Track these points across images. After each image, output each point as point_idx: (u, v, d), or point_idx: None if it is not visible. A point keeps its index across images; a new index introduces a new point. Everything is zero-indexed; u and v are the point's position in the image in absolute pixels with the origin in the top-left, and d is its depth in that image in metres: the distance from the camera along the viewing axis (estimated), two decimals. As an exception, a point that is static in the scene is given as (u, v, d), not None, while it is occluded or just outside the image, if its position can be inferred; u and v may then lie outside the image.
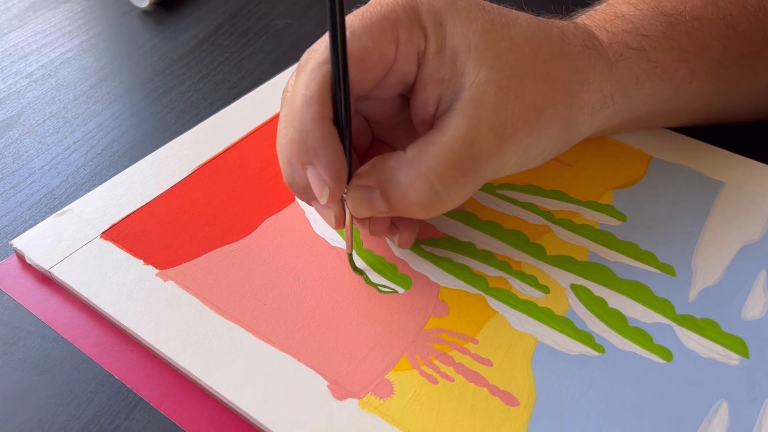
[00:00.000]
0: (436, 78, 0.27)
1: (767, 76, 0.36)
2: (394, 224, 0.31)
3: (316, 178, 0.27)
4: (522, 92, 0.27)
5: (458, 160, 0.27)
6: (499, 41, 0.27)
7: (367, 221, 0.30)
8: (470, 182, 0.28)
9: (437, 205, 0.27)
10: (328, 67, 0.26)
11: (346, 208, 0.29)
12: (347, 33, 0.26)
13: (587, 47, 0.30)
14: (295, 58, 0.46)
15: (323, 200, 0.27)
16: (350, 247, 0.31)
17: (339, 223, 0.29)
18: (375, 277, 0.31)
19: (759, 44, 0.34)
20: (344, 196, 0.29)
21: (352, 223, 0.30)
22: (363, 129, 0.31)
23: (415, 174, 0.27)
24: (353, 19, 0.27)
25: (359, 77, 0.27)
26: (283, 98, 0.29)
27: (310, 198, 0.30)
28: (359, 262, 0.32)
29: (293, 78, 0.28)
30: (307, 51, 0.28)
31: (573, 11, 0.35)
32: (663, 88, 0.33)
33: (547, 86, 0.28)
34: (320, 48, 0.27)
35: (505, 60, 0.27)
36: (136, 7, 0.54)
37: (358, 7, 0.28)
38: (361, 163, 0.30)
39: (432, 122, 0.28)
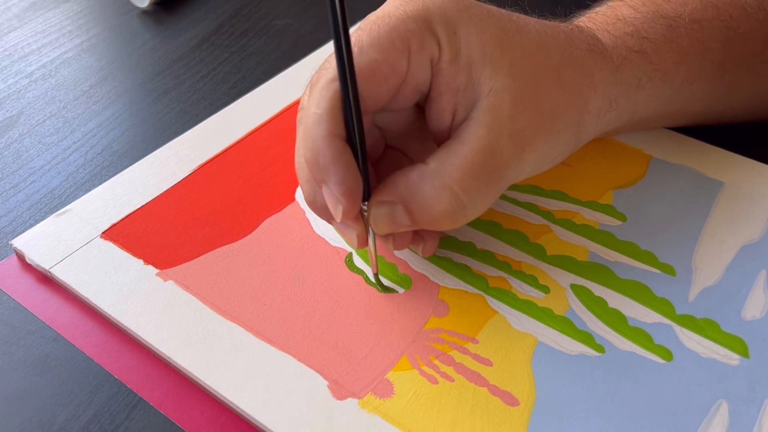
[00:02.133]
0: (451, 87, 0.27)
1: (767, 78, 0.36)
2: (418, 234, 0.31)
3: (329, 196, 0.27)
4: (537, 100, 0.27)
5: (481, 170, 0.27)
6: (512, 49, 0.27)
7: (391, 237, 0.30)
8: (493, 191, 0.28)
9: (461, 215, 0.27)
10: (337, 84, 0.26)
11: (369, 226, 0.28)
12: (355, 49, 0.26)
13: (593, 51, 0.30)
14: (295, 58, 0.46)
15: (338, 218, 0.27)
16: (375, 266, 0.30)
17: (361, 242, 0.29)
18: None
19: (759, 46, 0.34)
20: (365, 214, 0.28)
21: (375, 241, 0.29)
22: (376, 137, 0.31)
23: (440, 185, 0.27)
24: (361, 35, 0.26)
25: (372, 91, 0.26)
26: (299, 116, 0.29)
27: (331, 218, 0.29)
28: (358, 262, 0.32)
29: (306, 94, 0.28)
30: (318, 69, 0.28)
31: (573, 13, 0.35)
32: (664, 90, 0.33)
33: (561, 93, 0.28)
34: (329, 66, 0.27)
35: (520, 68, 0.27)
36: (136, 7, 0.54)
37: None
38: (375, 170, 0.30)
39: (449, 131, 0.28)
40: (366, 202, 0.28)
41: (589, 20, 0.33)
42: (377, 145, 0.31)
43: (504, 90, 0.27)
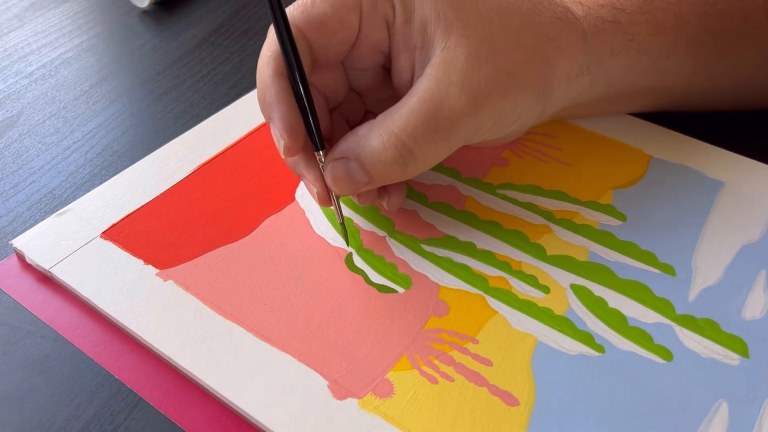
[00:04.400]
0: (408, 46, 0.29)
1: (747, 57, 0.36)
2: (383, 187, 0.32)
3: (274, 133, 0.29)
4: (493, 58, 0.28)
5: (427, 118, 0.28)
6: (467, 12, 0.29)
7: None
8: (443, 139, 0.28)
9: (411, 161, 0.28)
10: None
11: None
12: (308, 1, 0.28)
13: (560, 19, 0.31)
14: (295, 58, 0.46)
15: (282, 153, 0.29)
16: (340, 216, 0.31)
17: (323, 200, 0.30)
18: (375, 277, 0.31)
19: (738, 22, 0.35)
20: (323, 170, 0.30)
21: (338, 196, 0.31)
22: (356, 102, 0.33)
23: (386, 134, 0.28)
24: None
25: (322, 42, 0.29)
26: None
27: (300, 173, 0.31)
28: (358, 262, 0.32)
29: None
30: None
31: None
32: (640, 60, 0.33)
33: (519, 53, 0.29)
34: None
35: (474, 29, 0.28)
36: (136, 7, 0.54)
37: None
38: None
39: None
40: (321, 152, 0.29)
41: None
42: (357, 110, 0.33)
43: (457, 46, 0.28)
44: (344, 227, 0.32)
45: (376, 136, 0.28)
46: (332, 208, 0.33)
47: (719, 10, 0.34)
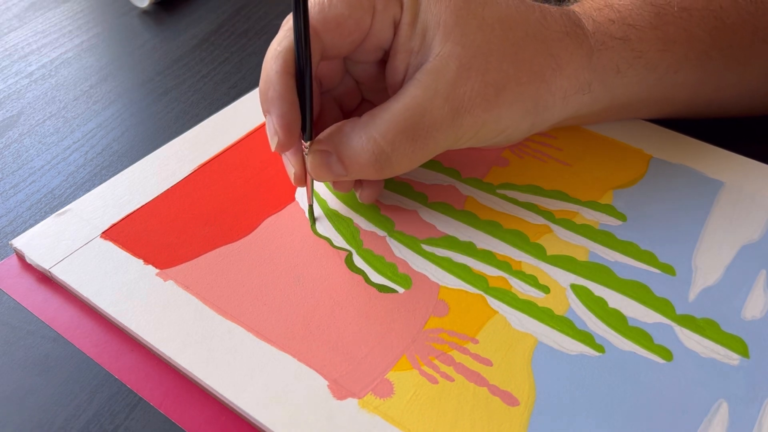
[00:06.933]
0: (407, 48, 0.29)
1: (755, 70, 0.36)
2: (358, 180, 0.33)
3: (269, 126, 0.29)
4: (485, 70, 0.29)
5: (407, 126, 0.28)
6: (470, 19, 0.29)
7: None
8: (420, 148, 0.29)
9: (386, 166, 0.29)
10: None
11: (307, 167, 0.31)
12: (326, 0, 0.28)
13: (568, 34, 0.31)
14: (295, 58, 0.46)
15: (273, 147, 0.29)
16: (311, 199, 0.33)
17: (298, 181, 0.32)
18: (375, 277, 0.31)
19: (748, 37, 0.35)
20: (306, 156, 0.31)
21: (312, 179, 0.32)
22: (353, 90, 0.34)
23: (366, 137, 0.29)
24: None
25: (336, 41, 0.29)
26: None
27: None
28: (358, 262, 0.32)
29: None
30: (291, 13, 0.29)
31: None
32: (647, 77, 0.33)
33: (513, 67, 0.29)
34: None
35: (472, 38, 0.28)
36: (136, 7, 0.54)
37: None
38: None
39: (399, 89, 0.30)
40: (309, 143, 0.30)
41: (578, 6, 0.34)
42: (353, 97, 0.34)
43: (450, 56, 0.28)
44: (312, 209, 0.33)
45: (357, 138, 0.29)
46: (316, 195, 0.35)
47: (730, 24, 0.34)
